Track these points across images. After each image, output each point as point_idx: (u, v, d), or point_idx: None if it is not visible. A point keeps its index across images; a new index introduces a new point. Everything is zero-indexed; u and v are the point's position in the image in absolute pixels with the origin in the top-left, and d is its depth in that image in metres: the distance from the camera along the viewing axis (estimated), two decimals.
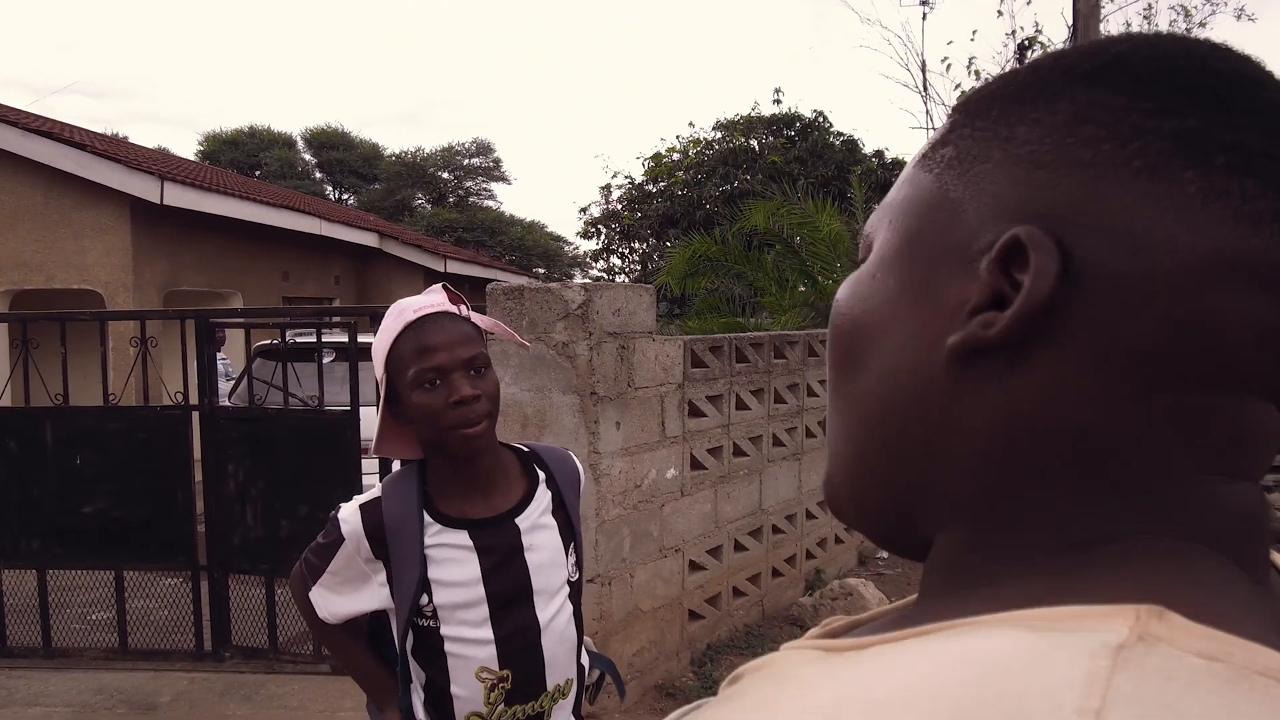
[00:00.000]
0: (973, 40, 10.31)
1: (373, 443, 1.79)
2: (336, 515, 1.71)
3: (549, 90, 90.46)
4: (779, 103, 17.27)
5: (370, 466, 4.70)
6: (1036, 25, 17.54)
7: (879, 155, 17.36)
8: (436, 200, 31.74)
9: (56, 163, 8.81)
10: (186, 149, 45.86)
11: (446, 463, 1.68)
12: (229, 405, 5.94)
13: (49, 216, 9.06)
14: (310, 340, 5.30)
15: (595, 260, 20.10)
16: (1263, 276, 0.39)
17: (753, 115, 17.18)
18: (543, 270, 27.55)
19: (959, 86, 10.30)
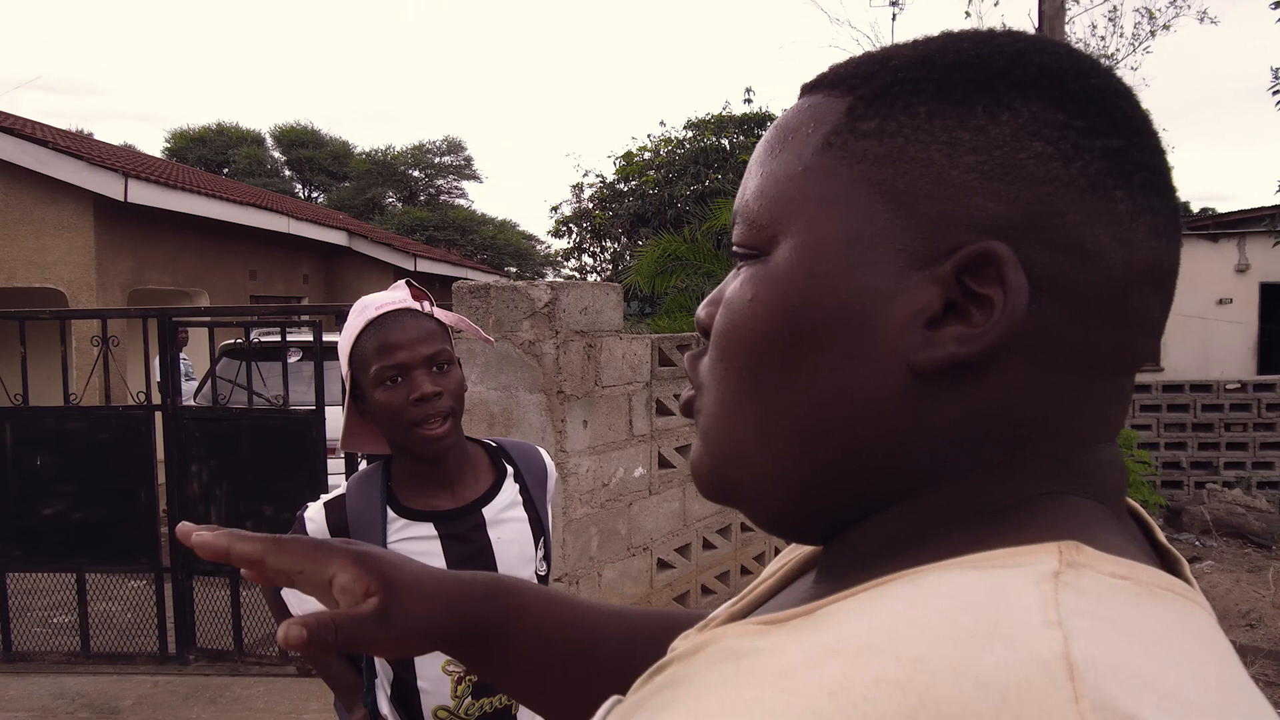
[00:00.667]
0: None
1: (339, 441, 1.78)
2: (302, 514, 1.71)
3: (520, 89, 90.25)
4: (750, 102, 17.31)
5: (336, 466, 4.67)
6: (1004, 26, 17.73)
7: None
8: (407, 198, 31.57)
9: (17, 159, 8.68)
10: (153, 146, 45.35)
11: (412, 458, 1.68)
12: (193, 405, 5.88)
13: (9, 214, 8.92)
14: (275, 339, 5.26)
15: (567, 259, 20.07)
16: (1158, 280, 0.46)
17: (724, 115, 17.21)
18: (514, 269, 27.47)
19: None
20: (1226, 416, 8.33)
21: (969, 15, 10.06)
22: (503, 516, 1.72)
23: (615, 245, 18.18)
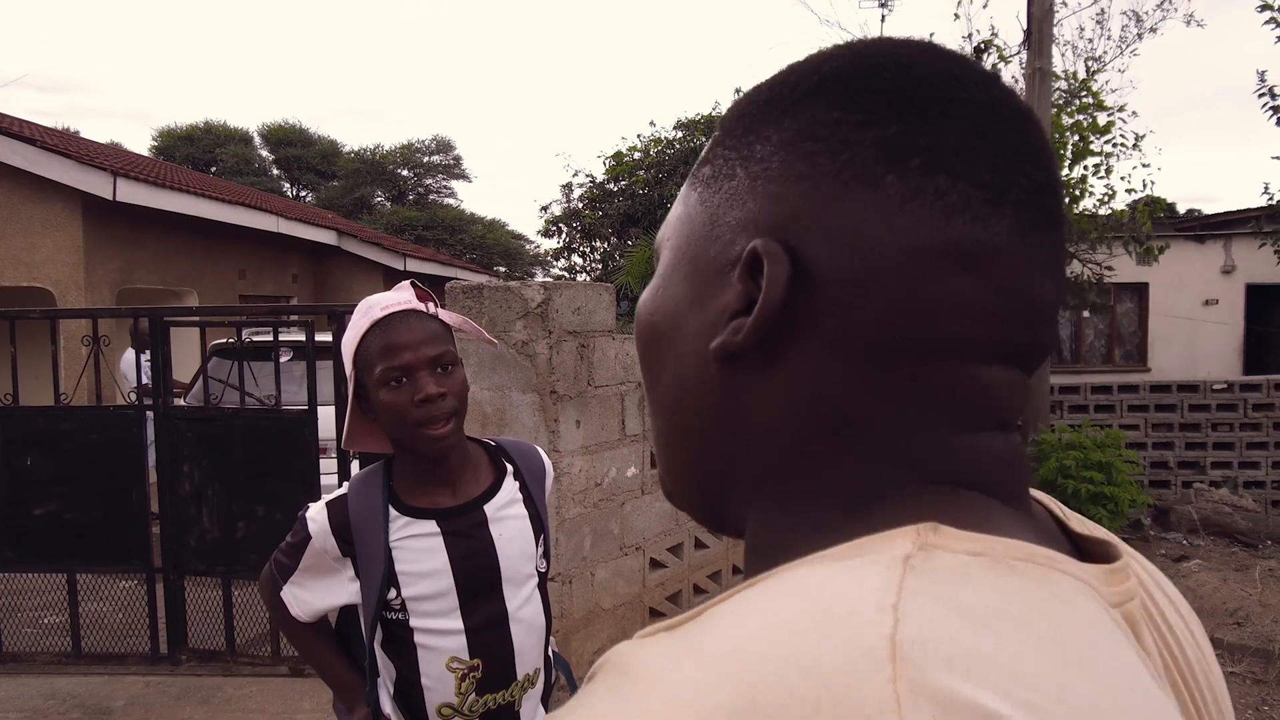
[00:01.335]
0: None
1: (332, 442, 1.79)
2: (304, 515, 1.73)
3: (509, 88, 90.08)
4: None
5: (329, 466, 4.67)
6: (992, 28, 17.80)
7: None
8: (396, 198, 31.49)
9: (5, 158, 8.62)
10: (140, 144, 45.09)
11: (414, 457, 1.69)
12: (184, 405, 5.86)
13: None
14: (267, 339, 5.25)
15: (556, 259, 20.05)
16: (958, 259, 0.45)
17: (714, 115, 17.21)
18: (504, 268, 27.43)
19: None
20: (1213, 416, 8.39)
21: (958, 17, 10.08)
22: (504, 514, 1.73)
23: (605, 245, 18.17)
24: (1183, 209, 24.67)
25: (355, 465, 4.47)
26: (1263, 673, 4.76)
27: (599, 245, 18.41)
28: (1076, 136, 9.68)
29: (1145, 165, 13.02)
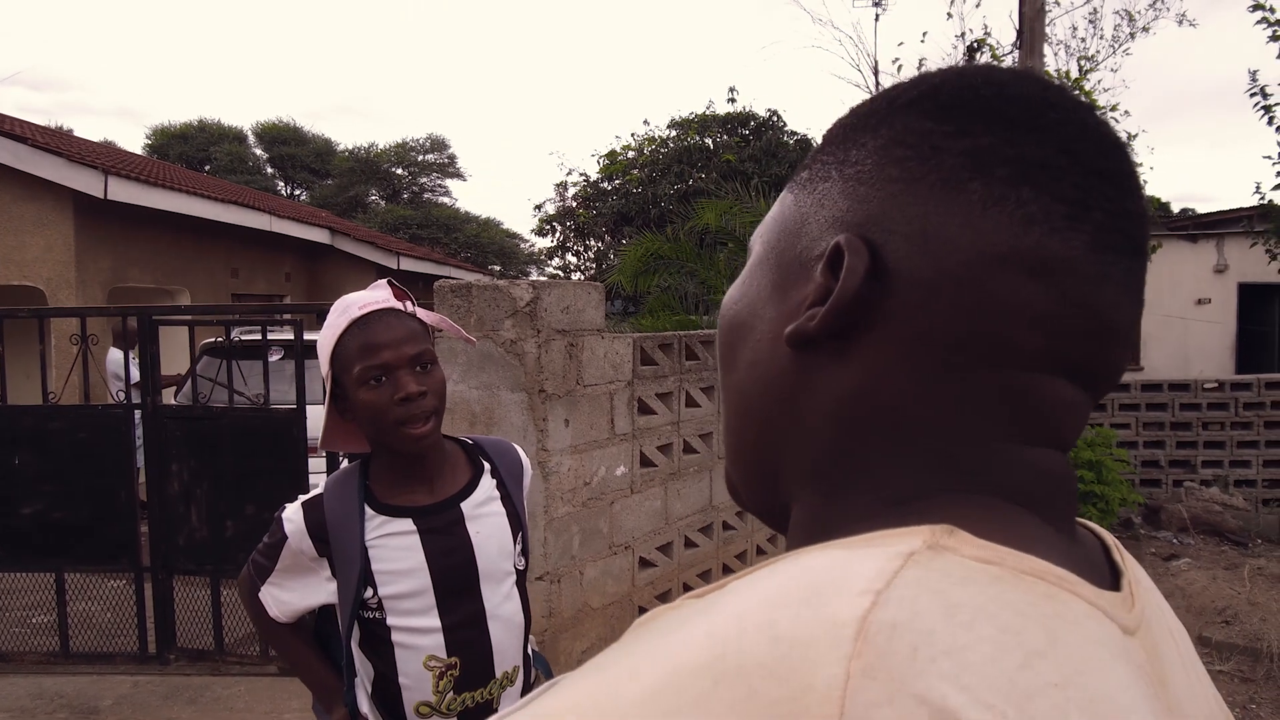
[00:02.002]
0: (923, 42, 10.47)
1: (319, 440, 1.80)
2: (281, 515, 1.73)
3: (504, 87, 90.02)
4: (733, 101, 17.33)
5: (317, 465, 4.66)
6: (985, 28, 17.81)
7: None
8: (390, 196, 31.45)
9: None
10: (134, 143, 45.00)
11: (391, 455, 1.69)
12: (173, 404, 5.84)
13: None
14: (257, 338, 5.24)
15: (550, 258, 20.04)
16: (1032, 268, 0.46)
17: (707, 114, 17.22)
18: (498, 267, 27.41)
19: None
20: (1204, 415, 8.40)
21: (950, 16, 10.10)
22: (481, 511, 1.73)
23: (599, 244, 18.16)
24: (1177, 208, 24.74)
25: (345, 464, 4.46)
26: (1250, 671, 4.77)
27: (593, 244, 18.41)
28: None
29: (1139, 165, 13.06)
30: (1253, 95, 9.27)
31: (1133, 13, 10.79)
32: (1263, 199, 9.87)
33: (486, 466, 1.80)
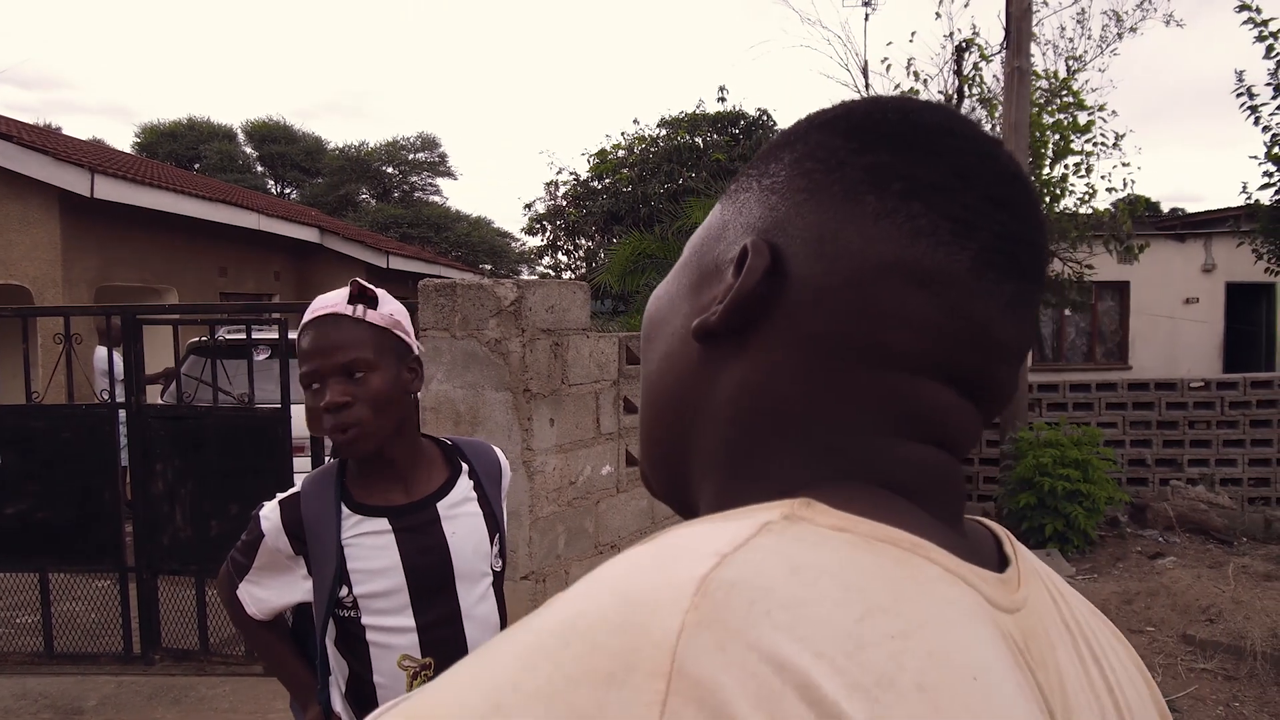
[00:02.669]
0: (911, 41, 10.48)
1: (307, 439, 1.80)
2: (258, 513, 1.73)
3: (495, 86, 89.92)
4: (723, 100, 17.31)
5: (302, 465, 4.65)
6: (974, 28, 17.85)
7: None
8: (381, 195, 31.39)
9: None
10: (123, 141, 44.81)
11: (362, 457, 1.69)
12: (158, 403, 5.83)
13: None
14: (242, 337, 5.23)
15: (541, 257, 20.03)
16: (917, 277, 0.49)
17: (697, 113, 17.21)
18: (489, 266, 27.37)
19: (898, 87, 10.43)
20: (1191, 414, 8.43)
21: (939, 16, 10.12)
22: (457, 511, 1.73)
23: (589, 243, 18.16)
24: (1167, 208, 24.82)
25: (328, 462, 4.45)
26: (1234, 669, 4.79)
27: (583, 243, 18.40)
28: (1057, 135, 9.74)
29: (1125, 164, 13.10)
30: (1239, 96, 9.32)
31: (1120, 13, 10.81)
32: (1249, 199, 9.93)
33: (464, 467, 1.80)
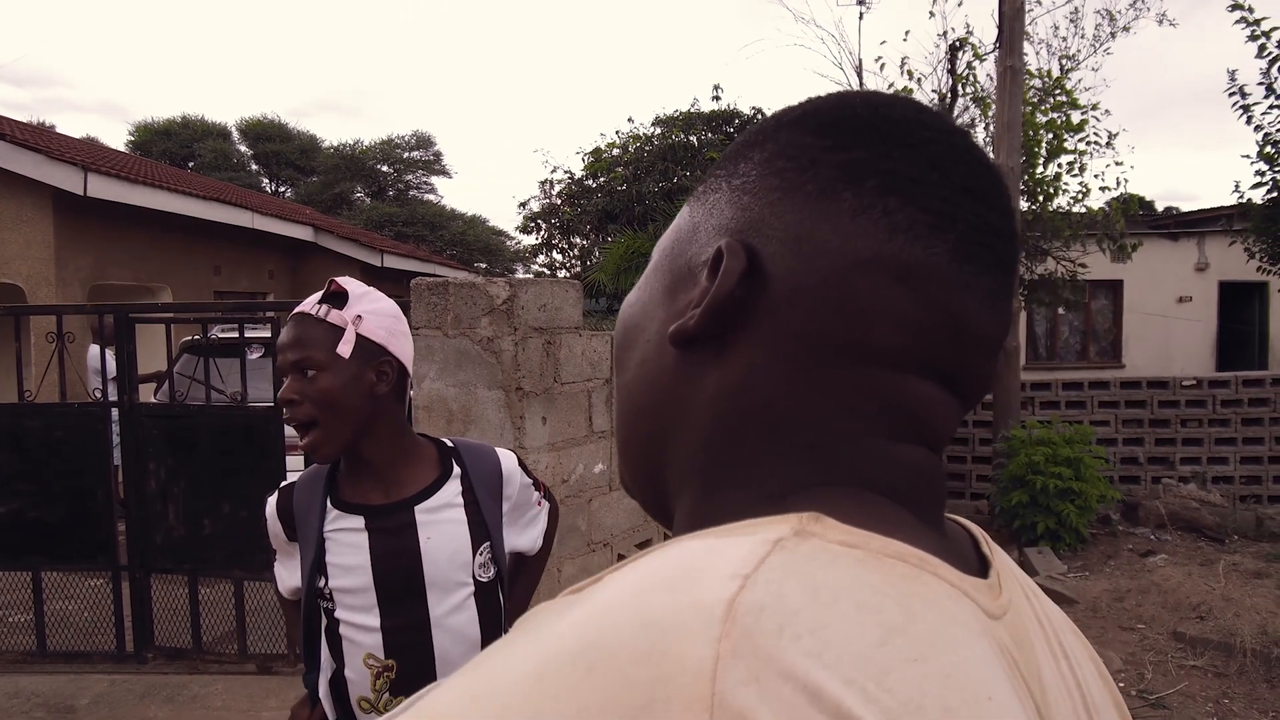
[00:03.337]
0: (905, 40, 10.51)
1: (298, 438, 1.81)
2: (269, 501, 1.81)
3: (490, 84, 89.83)
4: (718, 99, 17.29)
5: (295, 464, 4.64)
6: (967, 26, 17.87)
7: None
8: (376, 193, 31.37)
9: None
10: (117, 139, 44.71)
11: (348, 453, 1.70)
12: (150, 402, 5.82)
13: None
14: (235, 336, 5.23)
15: (535, 255, 20.01)
16: (896, 272, 0.48)
17: (692, 111, 17.18)
18: (484, 265, 27.36)
19: (892, 86, 10.45)
20: (1183, 413, 8.46)
21: (933, 15, 10.14)
22: (435, 517, 1.70)
23: (584, 242, 18.14)
24: (1160, 207, 24.88)
25: None
26: (1224, 666, 4.82)
27: (577, 241, 18.38)
28: (1050, 134, 9.76)
29: (1118, 163, 13.13)
30: (1232, 95, 9.33)
31: (1113, 12, 10.84)
32: (1242, 198, 9.94)
33: (456, 471, 1.76)
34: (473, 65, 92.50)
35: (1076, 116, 9.78)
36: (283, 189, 31.54)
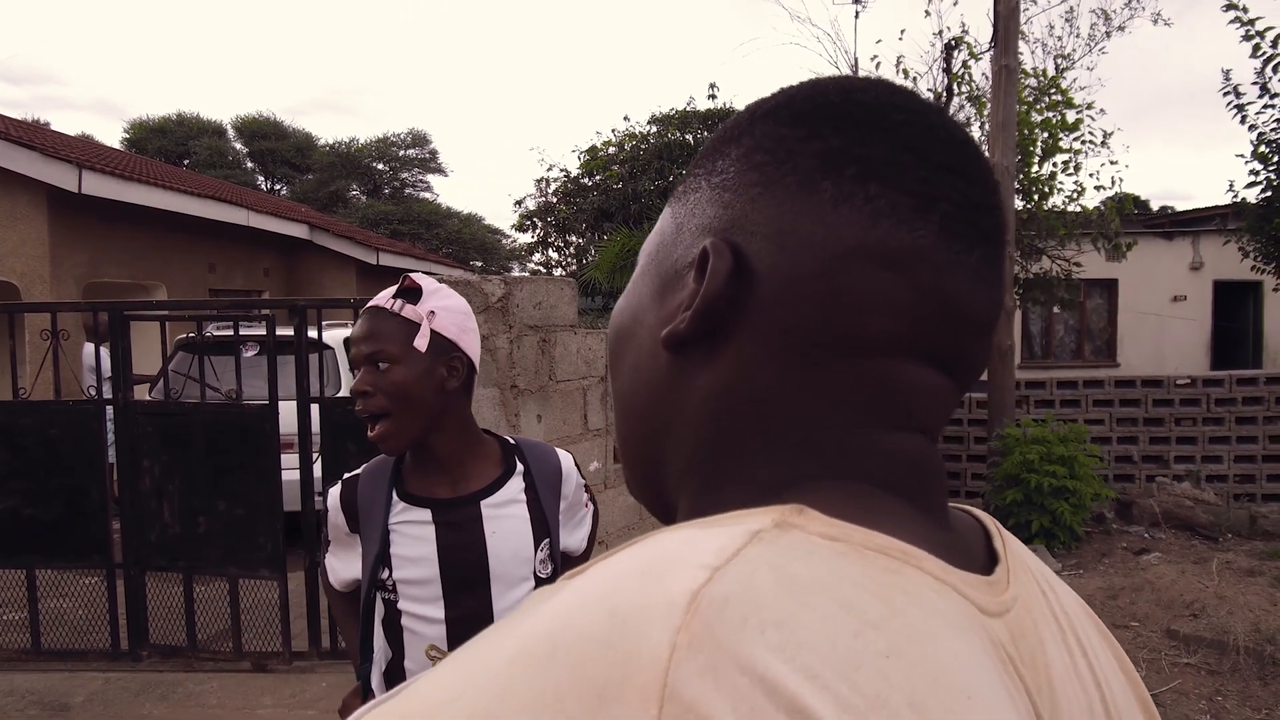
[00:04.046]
0: (901, 39, 10.51)
1: (294, 436, 1.83)
2: (329, 489, 1.83)
3: (486, 82, 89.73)
4: (714, 98, 17.31)
5: (290, 462, 4.65)
6: (963, 26, 17.88)
7: None
8: (371, 191, 31.34)
9: None
10: (112, 137, 44.63)
11: (416, 445, 1.73)
12: (145, 399, 5.82)
13: None
14: (230, 333, 5.22)
15: (531, 253, 20.01)
16: (882, 258, 0.48)
17: (688, 110, 17.20)
18: (480, 263, 27.35)
19: None
20: (1177, 412, 8.48)
21: (929, 14, 10.14)
22: (500, 512, 1.73)
23: (580, 240, 18.15)
24: (1155, 206, 24.93)
25: (319, 462, 4.45)
26: (1217, 663, 4.83)
27: (573, 240, 18.38)
28: (1045, 133, 9.78)
29: (1113, 163, 13.16)
30: (1226, 95, 9.35)
31: (1108, 12, 10.86)
32: (1237, 197, 9.97)
33: (519, 468, 1.79)
34: (469, 63, 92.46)
35: (1071, 115, 9.81)
36: (278, 187, 31.50)
